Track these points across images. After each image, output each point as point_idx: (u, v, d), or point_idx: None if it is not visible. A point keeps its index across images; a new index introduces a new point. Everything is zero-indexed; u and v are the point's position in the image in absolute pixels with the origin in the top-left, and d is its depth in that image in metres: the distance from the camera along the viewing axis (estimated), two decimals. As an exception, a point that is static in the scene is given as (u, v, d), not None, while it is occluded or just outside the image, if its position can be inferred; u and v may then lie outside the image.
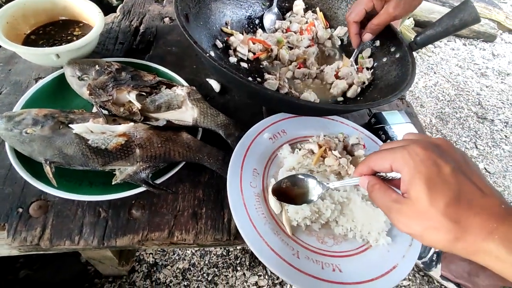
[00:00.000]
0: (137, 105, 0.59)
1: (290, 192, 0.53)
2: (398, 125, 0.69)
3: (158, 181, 0.53)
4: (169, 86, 0.65)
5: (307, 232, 0.53)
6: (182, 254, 1.21)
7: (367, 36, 0.70)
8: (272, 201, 0.54)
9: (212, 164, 0.56)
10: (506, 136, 1.90)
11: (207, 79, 0.74)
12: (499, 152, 1.80)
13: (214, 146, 0.58)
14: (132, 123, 0.54)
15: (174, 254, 1.21)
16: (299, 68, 0.75)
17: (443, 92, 2.14)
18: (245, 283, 1.16)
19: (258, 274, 1.19)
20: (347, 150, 0.62)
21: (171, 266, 1.18)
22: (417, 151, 0.33)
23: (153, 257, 1.19)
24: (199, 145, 0.56)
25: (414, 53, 0.69)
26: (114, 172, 0.52)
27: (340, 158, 0.57)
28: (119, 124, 0.56)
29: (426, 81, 2.20)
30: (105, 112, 0.59)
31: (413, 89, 2.10)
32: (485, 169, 1.70)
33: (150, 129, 0.56)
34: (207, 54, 0.53)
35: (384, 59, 0.75)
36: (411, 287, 1.21)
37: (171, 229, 0.51)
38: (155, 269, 1.16)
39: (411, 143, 0.34)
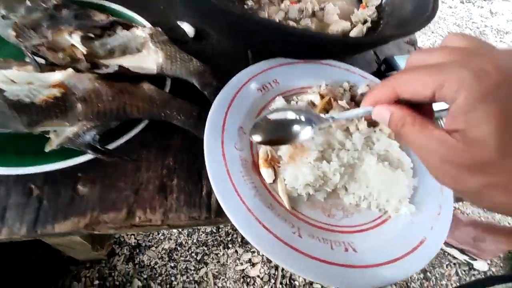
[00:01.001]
0: (82, 50, 0.44)
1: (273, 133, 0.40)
2: (414, 71, 0.57)
3: (112, 146, 0.40)
4: (127, 27, 0.50)
5: (310, 204, 0.42)
6: (167, 234, 1.11)
7: None
8: (264, 169, 0.42)
9: (184, 122, 0.42)
10: (506, 97, 1.81)
11: (178, 22, 0.59)
12: (500, 114, 1.71)
13: (187, 100, 0.45)
14: (70, 70, 0.40)
15: (158, 234, 1.11)
16: (292, 4, 0.60)
17: (442, 52, 2.01)
18: (237, 261, 1.08)
19: (252, 250, 1.10)
20: (355, 101, 0.50)
21: (156, 247, 1.08)
22: (488, 69, 0.20)
23: (135, 238, 1.08)
24: (166, 98, 0.43)
25: None
26: (48, 135, 0.38)
27: (348, 109, 0.45)
28: (57, 73, 0.42)
29: (424, 40, 2.06)
30: (41, 60, 0.45)
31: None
32: (486, 131, 1.62)
33: (99, 79, 0.42)
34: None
35: (396, -7, 0.61)
36: (413, 256, 1.15)
37: (131, 207, 0.39)
38: (137, 251, 1.06)
39: (471, 56, 0.22)
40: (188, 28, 0.58)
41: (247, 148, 0.43)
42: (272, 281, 1.05)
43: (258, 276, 1.06)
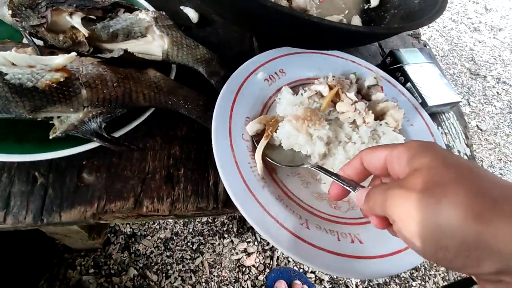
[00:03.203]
0: (84, 32, 0.42)
1: None
2: (418, 65, 0.57)
3: (117, 134, 0.39)
4: (130, 10, 0.48)
5: (316, 196, 0.42)
6: (163, 223, 1.11)
7: None
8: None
9: (191, 111, 0.42)
10: (498, 93, 1.85)
11: (182, 7, 0.57)
12: (491, 109, 1.75)
13: (193, 89, 0.44)
14: (74, 53, 0.38)
15: (154, 223, 1.10)
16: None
17: (437, 47, 2.03)
18: (233, 251, 1.09)
19: (247, 240, 1.11)
20: (362, 93, 0.50)
21: (151, 236, 1.07)
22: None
23: (130, 228, 1.07)
24: (173, 86, 0.42)
25: None
26: (51, 122, 0.37)
27: (356, 102, 0.45)
28: (59, 57, 0.40)
29: (420, 35, 2.07)
30: (39, 42, 0.43)
31: (407, 44, 1.98)
32: (477, 126, 1.65)
33: (102, 64, 0.40)
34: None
35: (403, -16, 0.61)
36: (404, 247, 1.18)
37: (138, 197, 0.38)
38: (133, 240, 1.06)
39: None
40: (192, 13, 0.57)
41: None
42: (267, 270, 1.07)
43: (254, 266, 1.07)
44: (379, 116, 0.48)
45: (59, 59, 0.37)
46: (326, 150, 0.42)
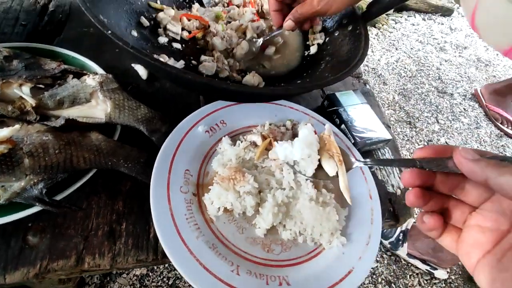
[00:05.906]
0: (30, 102, 0.47)
1: None
2: (354, 106, 0.62)
3: (61, 196, 0.42)
4: (79, 75, 0.53)
5: (251, 241, 0.45)
6: (139, 259, 1.11)
7: (289, 24, 0.59)
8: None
9: (131, 169, 0.45)
10: (464, 109, 1.94)
11: (133, 65, 0.63)
12: (459, 125, 1.83)
13: (136, 147, 0.48)
14: (17, 126, 0.42)
15: (130, 260, 1.11)
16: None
17: (405, 68, 2.13)
18: (209, 283, 1.09)
19: (223, 272, 1.12)
20: (296, 139, 0.55)
21: (127, 274, 1.08)
22: None
23: (105, 266, 1.08)
24: (113, 147, 0.46)
25: (375, 29, 0.62)
26: (-5, 191, 0.40)
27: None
28: (8, 127, 0.44)
29: (388, 57, 2.18)
30: (-9, 112, 0.47)
31: (376, 67, 2.08)
32: (447, 143, 1.72)
33: (47, 131, 0.44)
34: (109, 32, 0.41)
35: (336, 33, 0.67)
36: (379, 268, 1.20)
37: (80, 254, 0.41)
38: (108, 279, 1.06)
39: None
40: (141, 71, 0.62)
41: (193, 189, 0.47)
42: (244, 301, 1.07)
43: (230, 297, 1.07)
44: (312, 160, 0.52)
45: (4, 132, 0.41)
46: (258, 199, 0.46)
